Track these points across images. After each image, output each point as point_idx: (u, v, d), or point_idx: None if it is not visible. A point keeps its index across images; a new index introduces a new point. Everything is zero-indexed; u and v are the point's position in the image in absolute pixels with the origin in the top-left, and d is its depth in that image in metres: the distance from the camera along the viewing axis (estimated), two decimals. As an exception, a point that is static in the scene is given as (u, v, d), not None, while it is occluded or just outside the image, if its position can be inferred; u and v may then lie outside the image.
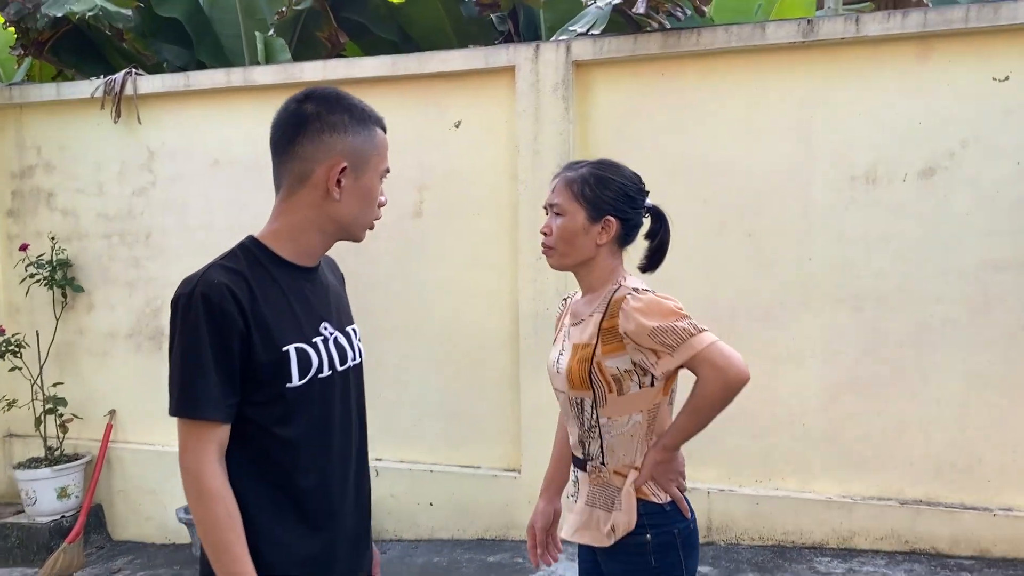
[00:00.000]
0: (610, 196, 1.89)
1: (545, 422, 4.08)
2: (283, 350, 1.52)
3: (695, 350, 1.75)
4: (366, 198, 1.61)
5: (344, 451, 1.67)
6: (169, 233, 4.73)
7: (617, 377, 1.82)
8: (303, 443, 1.56)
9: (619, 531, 1.84)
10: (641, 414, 1.86)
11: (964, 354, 3.60)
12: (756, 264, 3.80)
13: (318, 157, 1.56)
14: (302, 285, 1.61)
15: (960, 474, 3.65)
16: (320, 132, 1.55)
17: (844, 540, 3.77)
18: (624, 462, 1.87)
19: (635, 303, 1.79)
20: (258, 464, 1.53)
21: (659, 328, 1.76)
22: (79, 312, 4.94)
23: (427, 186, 4.28)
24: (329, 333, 1.64)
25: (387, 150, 1.64)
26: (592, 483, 1.92)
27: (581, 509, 1.94)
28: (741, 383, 1.77)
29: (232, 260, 1.55)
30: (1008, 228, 3.51)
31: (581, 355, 1.86)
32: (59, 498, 4.73)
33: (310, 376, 1.56)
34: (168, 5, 5.50)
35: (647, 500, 1.85)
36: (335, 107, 1.57)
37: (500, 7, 5.17)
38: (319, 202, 1.58)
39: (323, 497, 1.60)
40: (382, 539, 4.41)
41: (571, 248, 1.90)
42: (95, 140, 4.83)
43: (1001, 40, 3.48)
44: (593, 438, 1.89)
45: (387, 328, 4.37)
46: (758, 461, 3.89)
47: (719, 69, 3.84)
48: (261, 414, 1.52)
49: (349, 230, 1.63)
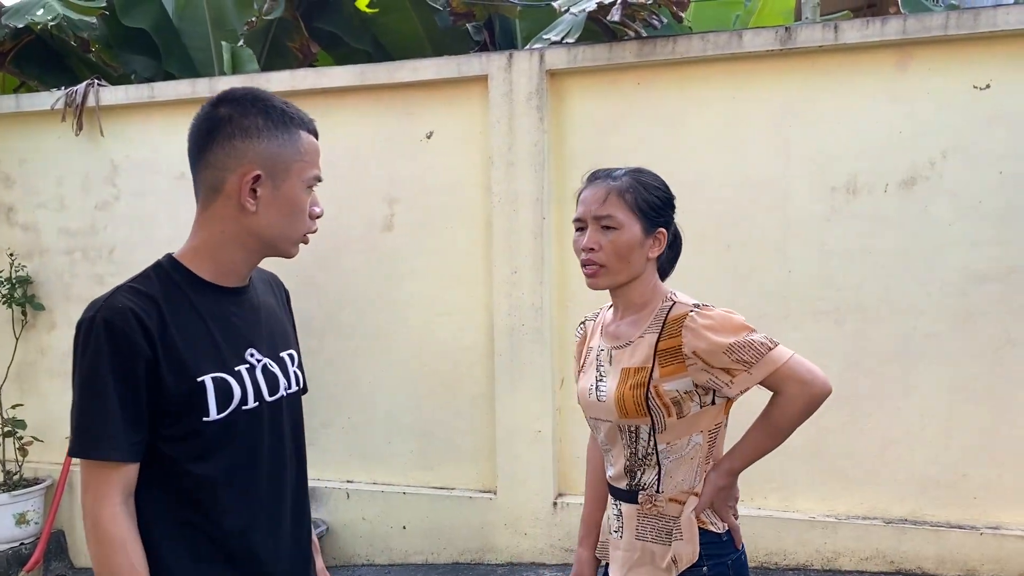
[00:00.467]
0: (662, 207, 1.77)
1: (521, 442, 3.98)
2: (198, 381, 1.38)
3: (775, 365, 1.66)
4: (289, 209, 1.45)
5: (276, 489, 1.52)
6: (134, 248, 4.58)
7: (677, 400, 1.70)
8: (225, 482, 1.42)
9: (682, 563, 1.71)
10: (701, 435, 1.74)
11: (948, 367, 3.52)
12: (735, 277, 3.71)
13: (229, 165, 1.42)
14: (226, 308, 1.47)
15: (945, 491, 3.56)
16: (231, 137, 1.41)
17: (828, 561, 3.66)
18: (682, 488, 1.74)
19: (703, 320, 1.68)
20: (174, 505, 1.40)
21: (735, 344, 1.65)
22: (40, 331, 4.77)
23: (398, 199, 4.17)
24: (256, 360, 1.49)
25: (317, 155, 1.49)
26: (641, 515, 1.77)
27: (629, 544, 1.78)
28: (825, 397, 1.69)
29: (143, 282, 1.41)
30: (991, 238, 3.44)
31: (635, 380, 1.71)
32: (18, 524, 4.55)
33: (232, 408, 1.42)
34: (135, 15, 5.38)
35: (705, 529, 1.73)
36: (249, 109, 1.43)
37: (475, 17, 5.09)
38: (235, 215, 1.43)
39: (250, 540, 1.46)
40: (354, 563, 4.27)
41: (626, 265, 1.74)
42: (56, 153, 4.68)
43: (981, 48, 3.42)
44: (649, 465, 1.75)
45: (357, 346, 4.24)
46: (739, 479, 3.77)
47: (696, 78, 3.76)
48: (176, 450, 1.38)
49: (274, 245, 1.48)
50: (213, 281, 1.47)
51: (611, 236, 1.73)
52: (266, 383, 1.49)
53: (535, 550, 4.00)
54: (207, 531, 1.42)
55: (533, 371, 3.93)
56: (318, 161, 1.50)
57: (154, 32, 5.42)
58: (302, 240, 1.50)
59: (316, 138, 1.51)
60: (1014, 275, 3.42)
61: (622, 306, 1.82)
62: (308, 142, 1.48)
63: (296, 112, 1.48)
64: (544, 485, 3.98)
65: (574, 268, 3.89)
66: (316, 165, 1.49)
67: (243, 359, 1.47)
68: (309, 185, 1.48)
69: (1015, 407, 3.46)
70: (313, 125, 1.51)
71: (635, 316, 1.79)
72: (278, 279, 1.73)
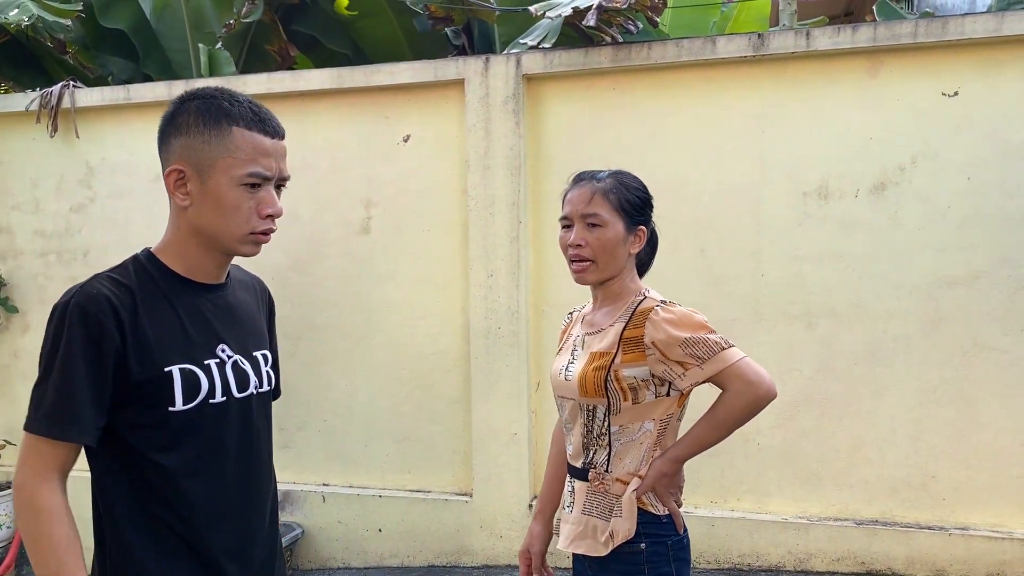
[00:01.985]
0: (640, 205, 1.90)
1: (497, 445, 3.99)
2: (165, 370, 1.40)
3: (725, 364, 1.76)
4: (218, 206, 1.43)
5: (243, 484, 1.53)
6: (109, 251, 4.55)
7: (633, 387, 1.81)
8: (190, 473, 1.44)
9: (618, 538, 1.82)
10: (653, 423, 1.85)
11: (917, 370, 3.57)
12: (708, 280, 3.75)
13: (166, 160, 1.47)
14: (199, 303, 1.49)
15: (915, 492, 3.61)
16: (167, 135, 1.47)
17: (801, 562, 3.69)
18: (629, 470, 1.85)
19: (665, 314, 1.80)
20: (141, 498, 1.42)
21: (690, 340, 1.77)
22: (14, 334, 4.74)
23: (375, 202, 4.17)
24: (227, 356, 1.51)
25: (259, 152, 1.43)
26: (590, 491, 1.89)
27: (576, 519, 1.91)
28: (768, 400, 1.79)
29: (120, 271, 1.46)
30: (959, 243, 3.49)
31: (599, 363, 1.83)
32: (-11, 529, 4.52)
33: (198, 401, 1.44)
34: (113, 16, 5.35)
35: (645, 510, 1.84)
36: (187, 107, 1.45)
37: (454, 21, 5.11)
38: (179, 211, 1.47)
39: (217, 534, 1.47)
40: (330, 567, 4.26)
41: (612, 260, 1.87)
42: (31, 155, 4.65)
43: (950, 55, 3.47)
44: (601, 445, 1.87)
45: (334, 349, 4.24)
46: (712, 482, 3.81)
47: (671, 83, 3.79)
48: (142, 439, 1.41)
49: (218, 243, 1.47)
50: (187, 276, 1.49)
51: (596, 233, 1.86)
52: (235, 379, 1.51)
53: (511, 552, 4.01)
54: (173, 526, 1.43)
55: (509, 374, 3.95)
56: (260, 158, 1.44)
57: (132, 33, 5.39)
58: (250, 239, 1.47)
59: (272, 136, 1.46)
60: (981, 279, 3.47)
61: (600, 298, 1.96)
62: (244, 138, 1.43)
63: (242, 110, 1.44)
64: (520, 487, 3.99)
65: (550, 272, 3.93)
66: (255, 162, 1.43)
67: (213, 353, 1.49)
68: (244, 183, 1.43)
69: (983, 410, 3.51)
70: (267, 125, 1.46)
71: (610, 307, 1.92)
72: (263, 284, 1.75)
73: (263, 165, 1.45)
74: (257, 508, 1.57)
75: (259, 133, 1.45)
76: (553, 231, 3.64)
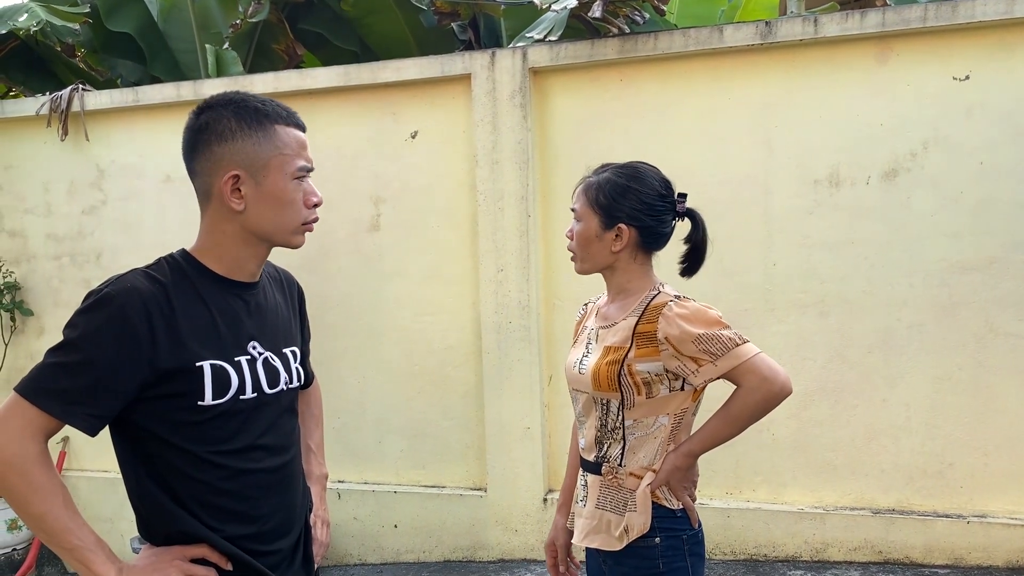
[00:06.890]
0: (625, 204, 1.86)
1: (510, 439, 3.99)
2: (196, 365, 1.43)
3: (740, 360, 1.75)
4: (276, 203, 1.49)
5: (279, 478, 1.57)
6: (121, 252, 4.59)
7: (647, 381, 1.80)
8: (218, 466, 1.47)
9: (633, 532, 1.81)
10: (668, 417, 1.84)
11: (932, 357, 3.54)
12: (719, 271, 3.72)
13: (211, 170, 1.48)
14: (232, 301, 1.52)
15: (931, 480, 3.58)
16: (209, 144, 1.48)
17: (817, 552, 3.68)
18: (642, 464, 1.85)
19: (679, 309, 1.78)
20: (167, 485, 1.45)
21: (704, 336, 1.75)
22: (29, 337, 4.78)
23: (384, 199, 4.17)
24: (258, 353, 1.54)
25: (300, 146, 1.52)
26: (604, 485, 1.89)
27: (590, 513, 1.91)
28: (783, 396, 1.78)
29: (156, 268, 1.48)
30: (972, 228, 3.46)
31: (612, 357, 1.82)
32: (10, 530, 4.55)
33: (229, 396, 1.46)
34: (120, 19, 5.37)
35: (659, 504, 1.83)
36: (223, 114, 1.48)
37: (460, 16, 5.09)
38: (229, 216, 1.50)
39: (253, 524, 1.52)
40: (346, 563, 4.28)
41: (587, 254, 1.89)
42: (42, 159, 4.68)
43: (960, 39, 3.44)
44: (615, 440, 1.87)
45: (345, 346, 4.25)
46: (727, 472, 3.80)
47: (678, 73, 3.77)
48: (171, 431, 1.43)
49: (273, 239, 1.54)
50: (223, 275, 1.52)
51: (577, 227, 1.91)
52: (266, 376, 1.53)
53: (526, 546, 4.01)
54: (202, 500, 1.47)
55: (521, 368, 3.95)
56: (303, 152, 1.52)
57: (139, 36, 5.41)
58: (302, 229, 1.55)
59: (301, 130, 1.54)
60: (995, 265, 3.44)
61: (611, 291, 1.95)
62: (285, 134, 1.50)
63: (273, 108, 1.51)
64: (534, 482, 3.99)
65: (560, 265, 3.92)
66: (300, 156, 1.51)
67: (245, 350, 1.51)
68: (295, 176, 1.51)
69: (998, 396, 3.48)
70: (295, 118, 1.54)
71: (624, 301, 1.90)
72: (291, 276, 1.78)
73: (305, 158, 1.53)
74: (287, 504, 1.59)
75: (295, 128, 1.53)
76: (562, 224, 3.63)
